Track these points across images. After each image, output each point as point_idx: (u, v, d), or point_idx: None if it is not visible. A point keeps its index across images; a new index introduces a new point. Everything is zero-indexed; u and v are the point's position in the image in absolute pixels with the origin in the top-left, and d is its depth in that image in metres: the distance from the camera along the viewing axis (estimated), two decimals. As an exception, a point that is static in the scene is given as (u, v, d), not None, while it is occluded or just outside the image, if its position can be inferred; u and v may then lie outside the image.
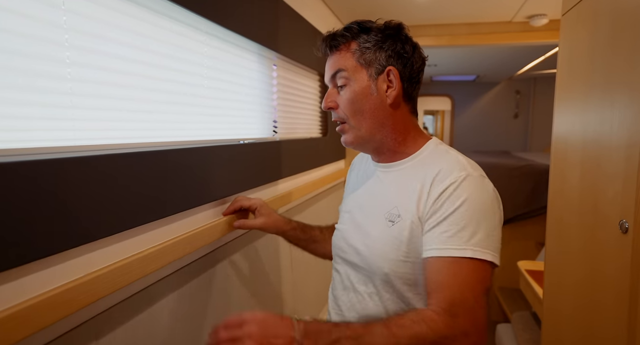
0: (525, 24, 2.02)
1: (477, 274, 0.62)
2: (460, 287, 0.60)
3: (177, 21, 0.80)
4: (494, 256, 0.64)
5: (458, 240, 0.63)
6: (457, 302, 0.59)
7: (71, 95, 0.56)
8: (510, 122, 4.51)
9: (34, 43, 0.50)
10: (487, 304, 0.61)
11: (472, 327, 0.59)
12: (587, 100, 0.99)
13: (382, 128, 0.75)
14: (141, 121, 0.71)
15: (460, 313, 0.59)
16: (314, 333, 0.56)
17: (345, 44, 0.75)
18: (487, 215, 0.65)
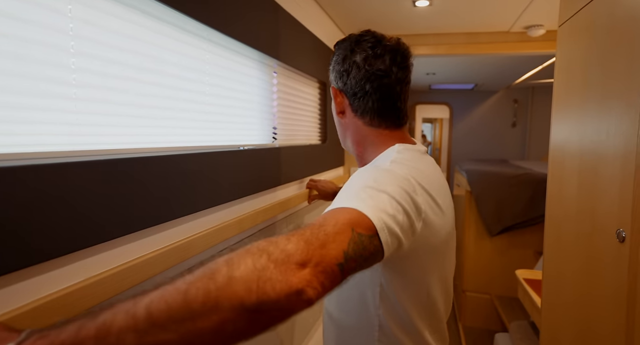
0: (523, 34, 2.05)
1: (348, 213, 0.49)
2: (322, 217, 0.48)
3: (179, 28, 0.81)
4: (373, 213, 0.50)
5: (341, 200, 0.53)
6: (311, 226, 0.45)
7: (76, 101, 0.56)
8: (508, 131, 4.54)
9: (40, 49, 0.51)
10: (354, 243, 0.46)
11: (318, 242, 0.42)
12: (583, 110, 1.00)
13: (345, 139, 0.84)
14: (143, 127, 0.72)
15: (307, 227, 0.44)
16: (59, 324, 0.36)
17: None
18: (384, 184, 0.56)
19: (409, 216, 0.56)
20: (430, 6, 1.70)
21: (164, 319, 0.33)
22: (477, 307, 2.72)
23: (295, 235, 0.42)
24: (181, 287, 0.34)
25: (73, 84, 0.56)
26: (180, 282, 0.35)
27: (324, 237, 0.43)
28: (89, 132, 0.60)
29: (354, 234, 0.46)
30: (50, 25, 0.53)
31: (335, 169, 1.97)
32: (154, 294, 0.35)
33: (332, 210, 0.51)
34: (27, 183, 0.47)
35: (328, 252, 0.42)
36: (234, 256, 0.37)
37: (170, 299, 0.34)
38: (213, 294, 0.34)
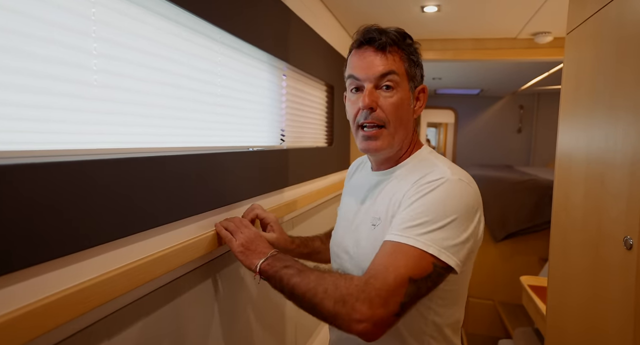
0: (530, 41, 2.06)
1: (410, 258, 0.61)
2: (386, 264, 0.61)
3: (193, 30, 0.82)
4: (440, 252, 0.61)
5: (412, 231, 0.63)
6: (377, 275, 0.60)
7: (97, 101, 0.58)
8: (513, 137, 4.53)
9: (65, 51, 0.53)
10: (410, 293, 0.59)
11: (379, 299, 0.58)
12: (591, 117, 1.01)
13: (406, 138, 0.78)
14: (159, 127, 0.73)
15: (374, 283, 0.59)
16: (277, 258, 0.73)
17: (394, 48, 0.74)
18: (451, 215, 0.64)
19: (471, 227, 0.67)
20: (439, 12, 1.71)
21: (294, 297, 0.66)
22: (481, 313, 2.71)
23: (365, 293, 0.59)
24: (304, 288, 0.64)
25: (94, 85, 0.57)
26: (306, 282, 0.65)
27: (386, 295, 0.58)
28: (109, 131, 0.61)
29: (411, 284, 0.60)
30: (75, 28, 0.54)
31: (340, 172, 1.98)
32: (297, 280, 0.66)
33: (394, 246, 0.64)
34: (51, 179, 0.49)
35: (387, 309, 0.58)
36: (330, 288, 0.62)
37: (299, 290, 0.65)
38: (312, 305, 0.63)
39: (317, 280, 0.63)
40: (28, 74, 0.48)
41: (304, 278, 0.65)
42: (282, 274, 0.68)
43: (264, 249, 0.76)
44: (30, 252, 0.47)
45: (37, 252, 0.47)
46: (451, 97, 4.72)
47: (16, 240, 0.45)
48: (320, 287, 0.62)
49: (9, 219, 0.44)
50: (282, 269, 0.69)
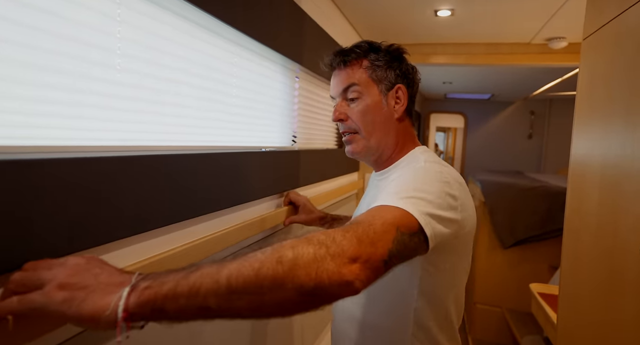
0: (544, 46, 2.04)
1: (395, 214, 0.55)
2: (372, 215, 0.54)
3: (211, 31, 0.83)
4: (419, 213, 0.56)
5: (392, 196, 0.59)
6: (362, 221, 0.52)
7: (121, 99, 0.59)
8: (524, 143, 4.49)
9: (91, 50, 0.54)
10: (397, 242, 0.51)
11: (367, 238, 0.48)
12: (608, 124, 1.00)
13: (387, 140, 0.81)
14: (176, 125, 0.75)
15: (359, 225, 0.50)
16: (158, 274, 0.42)
17: (356, 60, 0.80)
18: (427, 192, 0.61)
19: (449, 208, 0.63)
20: (452, 16, 1.71)
21: (240, 290, 0.40)
22: (488, 319, 2.68)
23: (350, 232, 0.48)
24: (254, 265, 0.41)
25: (118, 84, 0.59)
26: (253, 259, 0.42)
27: (373, 236, 0.49)
28: (129, 129, 0.62)
29: (398, 233, 0.52)
30: (101, 29, 0.56)
31: (350, 174, 1.98)
32: (232, 266, 0.41)
33: (379, 206, 0.57)
34: (80, 173, 0.50)
35: (376, 250, 0.48)
36: (299, 244, 0.44)
37: (245, 274, 0.40)
38: (280, 276, 0.41)
39: (269, 250, 0.44)
40: (58, 72, 0.50)
41: (243, 260, 0.42)
42: (193, 282, 0.40)
43: (113, 275, 0.42)
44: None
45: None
46: (461, 102, 4.69)
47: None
48: (282, 250, 0.43)
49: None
50: (187, 276, 0.40)
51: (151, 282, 0.40)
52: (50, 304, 0.37)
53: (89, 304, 0.37)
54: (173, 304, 0.39)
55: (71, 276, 0.39)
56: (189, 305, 0.39)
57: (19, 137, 0.46)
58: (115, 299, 0.37)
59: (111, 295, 0.38)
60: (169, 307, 0.39)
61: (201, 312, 0.40)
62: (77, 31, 0.52)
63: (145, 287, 0.39)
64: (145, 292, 0.39)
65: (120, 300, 0.37)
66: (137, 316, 0.38)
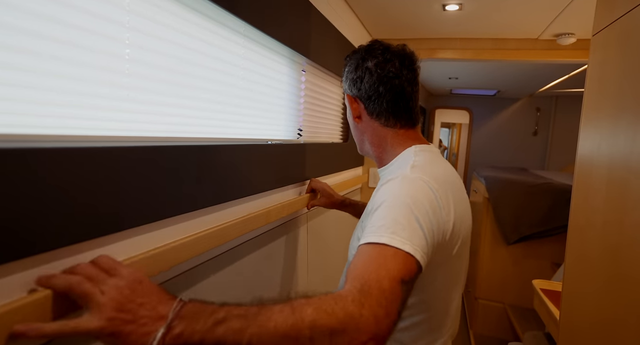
0: (552, 42, 2.02)
1: (395, 259, 0.55)
2: (373, 269, 0.54)
3: (219, 23, 0.83)
4: (414, 249, 0.57)
5: (377, 231, 0.59)
6: (369, 282, 0.51)
7: (128, 89, 0.59)
8: (529, 139, 4.46)
9: (99, 39, 0.54)
10: (403, 301, 0.53)
11: (382, 310, 0.49)
12: (616, 121, 0.99)
13: (363, 143, 0.90)
14: (183, 116, 0.75)
15: (371, 295, 0.50)
16: (192, 314, 0.45)
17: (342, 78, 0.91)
18: (404, 208, 0.62)
19: (436, 234, 0.64)
20: (460, 10, 1.70)
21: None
22: (490, 315, 2.70)
23: (366, 308, 0.47)
24: (275, 336, 0.44)
25: (126, 74, 0.59)
26: (272, 326, 0.44)
27: (386, 304, 0.49)
28: (138, 119, 0.63)
29: (403, 286, 0.53)
30: (110, 18, 0.56)
31: (354, 168, 1.98)
32: (254, 330, 0.44)
33: (381, 252, 0.56)
34: (82, 163, 0.51)
35: (390, 320, 0.49)
36: (318, 320, 0.45)
37: (268, 342, 0.44)
38: None
39: (290, 317, 0.45)
40: (65, 61, 0.50)
41: (264, 323, 0.44)
42: (219, 337, 0.44)
43: (155, 306, 0.46)
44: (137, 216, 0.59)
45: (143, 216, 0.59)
46: (467, 97, 4.66)
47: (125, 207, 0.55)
48: (301, 323, 0.45)
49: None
50: (213, 328, 0.44)
51: (184, 328, 0.44)
52: (101, 335, 0.43)
53: (131, 341, 0.43)
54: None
55: (119, 310, 0.44)
56: None
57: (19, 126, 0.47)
58: (151, 340, 0.43)
59: (149, 335, 0.43)
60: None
61: None
62: (85, 20, 0.52)
63: (178, 335, 0.43)
64: (178, 341, 0.43)
65: (154, 341, 0.43)
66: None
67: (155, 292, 0.47)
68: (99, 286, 0.45)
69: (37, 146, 0.46)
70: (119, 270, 0.48)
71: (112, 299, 0.44)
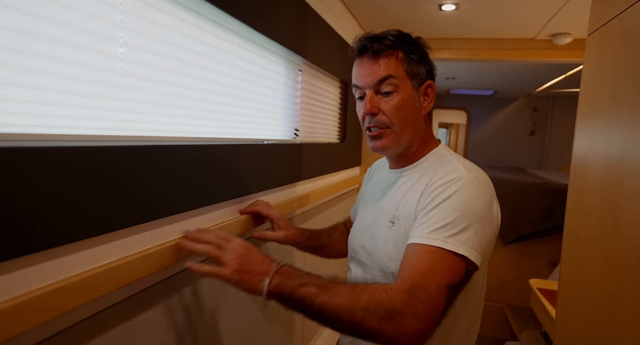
0: (549, 42, 2.03)
1: (444, 266, 0.62)
2: (424, 272, 0.61)
3: (215, 23, 0.83)
4: (470, 253, 0.63)
5: (440, 233, 0.64)
6: (419, 285, 0.59)
7: (122, 89, 0.59)
8: (526, 139, 4.48)
9: (92, 39, 0.54)
10: (448, 300, 0.61)
11: (425, 311, 0.58)
12: (611, 121, 0.99)
13: (416, 136, 0.80)
14: (178, 116, 0.75)
15: (418, 295, 0.58)
16: (287, 273, 0.63)
17: (392, 50, 0.75)
18: (474, 215, 0.66)
19: (493, 225, 0.70)
20: (457, 10, 1.70)
21: (324, 317, 0.60)
22: (487, 314, 2.69)
23: (411, 306, 0.58)
24: (337, 307, 0.58)
25: (120, 73, 0.59)
26: (337, 300, 0.59)
27: (430, 307, 0.59)
28: (132, 119, 0.63)
29: (450, 291, 0.61)
30: (103, 17, 0.55)
31: (352, 168, 1.98)
32: (325, 298, 0.59)
33: (430, 255, 0.63)
34: (73, 163, 0.50)
35: (432, 321, 0.59)
36: (370, 307, 0.58)
37: (330, 310, 0.59)
38: (350, 326, 0.59)
39: (350, 297, 0.58)
40: (57, 61, 0.50)
41: (332, 296, 0.59)
42: (301, 295, 0.60)
43: (262, 263, 0.64)
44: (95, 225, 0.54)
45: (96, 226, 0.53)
46: (464, 98, 4.67)
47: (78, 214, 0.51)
48: (358, 305, 0.58)
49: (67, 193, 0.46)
50: (298, 287, 0.60)
51: (280, 281, 0.61)
52: (230, 280, 0.62)
53: (251, 285, 0.62)
54: (288, 301, 0.61)
55: (241, 264, 0.63)
56: (296, 307, 0.61)
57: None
58: (263, 285, 0.61)
59: (261, 283, 0.61)
60: (286, 302, 0.62)
61: (302, 313, 0.61)
62: (78, 19, 0.52)
63: (276, 284, 0.61)
64: (276, 288, 0.61)
65: (264, 288, 0.61)
66: (271, 298, 0.62)
67: (260, 255, 0.65)
68: (224, 250, 0.64)
69: (24, 145, 0.45)
70: (232, 239, 0.66)
71: (235, 258, 0.63)
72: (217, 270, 0.63)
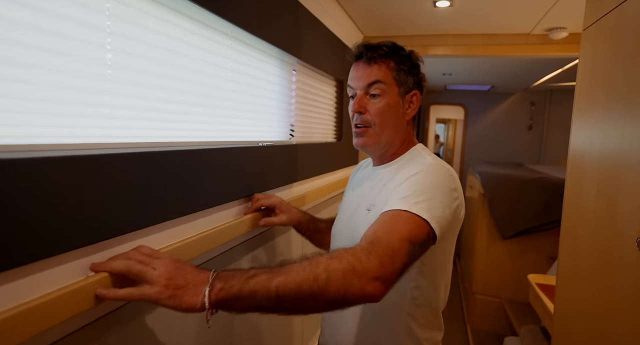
0: (544, 37, 2.02)
1: (409, 224, 0.65)
2: (388, 229, 0.64)
3: (204, 25, 0.83)
4: (432, 219, 0.67)
5: (406, 201, 0.68)
6: (381, 237, 0.62)
7: (110, 95, 0.58)
8: (524, 134, 4.47)
9: (80, 45, 0.53)
10: (410, 255, 0.62)
11: (387, 258, 0.59)
12: (607, 115, 0.99)
13: (395, 138, 0.88)
14: (170, 121, 0.74)
15: (380, 245, 0.60)
16: (228, 276, 0.56)
17: (384, 59, 0.84)
18: (436, 190, 0.72)
19: (453, 201, 0.74)
20: (451, 7, 1.69)
21: (285, 299, 0.54)
22: (487, 310, 2.71)
23: (372, 254, 0.58)
24: (296, 280, 0.54)
25: (108, 79, 0.58)
26: (295, 274, 0.55)
27: (392, 254, 0.60)
28: (122, 126, 0.62)
29: (411, 246, 0.63)
30: (89, 23, 0.55)
31: (349, 167, 1.98)
32: (280, 279, 0.55)
33: (395, 214, 0.67)
34: (62, 172, 0.50)
35: (394, 268, 0.59)
36: (331, 263, 0.56)
37: (289, 288, 0.54)
38: (315, 292, 0.54)
39: (308, 266, 0.56)
40: (43, 69, 0.49)
41: (287, 274, 0.55)
42: (252, 288, 0.54)
43: (198, 274, 0.57)
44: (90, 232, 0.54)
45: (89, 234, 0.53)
46: (461, 93, 4.66)
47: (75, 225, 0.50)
48: (318, 268, 0.55)
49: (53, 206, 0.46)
50: (246, 282, 0.55)
51: (223, 285, 0.55)
52: (160, 300, 0.53)
53: (186, 301, 0.54)
54: (239, 302, 0.55)
55: (170, 279, 0.55)
56: (249, 304, 0.55)
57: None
58: (201, 297, 0.54)
59: (198, 295, 0.54)
60: (237, 304, 0.55)
61: (257, 310, 0.56)
62: (63, 26, 0.51)
63: (220, 289, 0.54)
64: (220, 293, 0.54)
65: (205, 298, 0.53)
66: (216, 307, 0.54)
67: (193, 267, 0.59)
68: (149, 265, 0.56)
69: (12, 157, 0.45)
70: (158, 254, 0.60)
71: (163, 272, 0.55)
72: (139, 290, 0.53)
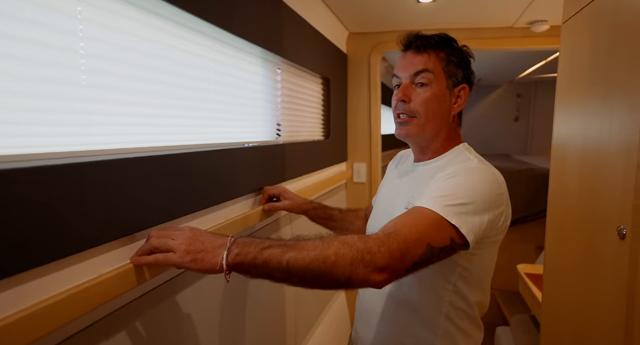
0: (526, 30, 2.04)
1: (432, 226, 0.64)
2: (409, 224, 0.63)
3: (184, 27, 0.81)
4: (462, 225, 0.66)
5: (438, 201, 0.67)
6: (399, 231, 0.61)
7: (86, 101, 0.57)
8: (511, 125, 4.53)
9: (51, 51, 0.52)
10: (425, 257, 0.62)
11: (399, 252, 0.59)
12: (587, 106, 1.01)
13: (440, 132, 0.85)
14: (151, 126, 0.73)
15: (395, 239, 0.60)
16: (245, 243, 0.61)
17: (434, 49, 0.83)
18: (476, 197, 0.69)
19: (498, 206, 0.72)
20: (434, 2, 1.69)
21: (294, 273, 0.58)
22: (478, 301, 2.75)
23: (385, 245, 0.59)
24: (306, 258, 0.58)
25: (83, 85, 0.57)
26: (306, 252, 0.58)
27: (405, 250, 0.60)
28: (100, 132, 0.61)
29: (428, 248, 0.63)
30: (60, 28, 0.53)
31: (338, 164, 1.98)
32: (292, 254, 0.58)
33: (422, 211, 0.66)
34: (42, 183, 0.49)
35: (403, 264, 0.60)
36: (341, 248, 0.58)
37: (299, 264, 0.58)
38: (322, 272, 0.57)
39: (320, 246, 0.58)
40: (13, 76, 0.48)
41: (300, 251, 0.58)
42: (265, 258, 0.58)
43: (215, 239, 0.62)
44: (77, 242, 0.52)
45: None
46: (448, 87, 4.69)
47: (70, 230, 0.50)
48: (329, 250, 0.58)
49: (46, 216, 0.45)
50: (261, 252, 0.59)
51: (239, 250, 0.59)
52: (183, 263, 0.59)
53: (206, 263, 0.59)
54: (253, 269, 0.59)
55: (190, 245, 0.60)
56: (262, 272, 0.59)
57: None
58: (219, 259, 0.59)
59: (217, 257, 0.59)
60: (251, 270, 0.60)
61: (269, 278, 0.60)
62: (33, 31, 0.50)
63: (236, 254, 0.59)
64: (237, 258, 0.59)
65: (222, 260, 0.59)
66: (232, 270, 0.60)
67: (211, 234, 0.63)
68: (169, 237, 0.61)
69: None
70: (179, 227, 0.64)
71: (183, 240, 0.60)
72: (163, 255, 0.60)
